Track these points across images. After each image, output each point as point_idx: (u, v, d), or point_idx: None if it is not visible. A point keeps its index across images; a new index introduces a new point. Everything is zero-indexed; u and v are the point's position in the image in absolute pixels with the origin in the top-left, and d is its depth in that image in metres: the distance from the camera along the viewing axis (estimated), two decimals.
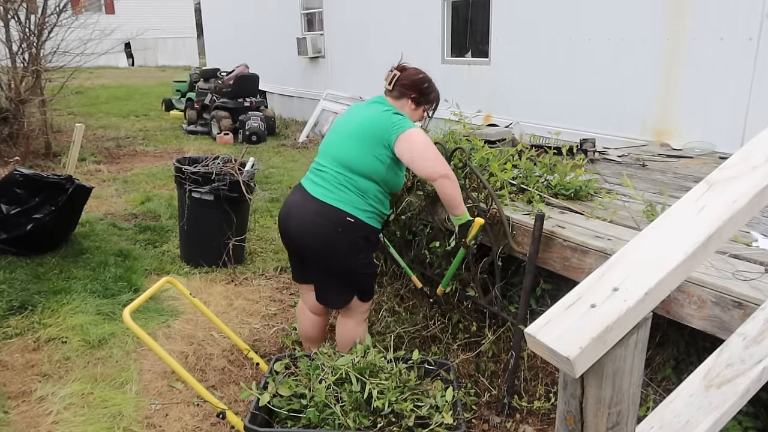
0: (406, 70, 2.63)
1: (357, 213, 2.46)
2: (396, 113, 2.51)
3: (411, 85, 2.60)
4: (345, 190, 2.46)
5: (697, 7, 4.76)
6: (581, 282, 1.06)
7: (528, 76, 6.51)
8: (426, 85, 2.64)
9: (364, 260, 2.58)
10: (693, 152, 4.56)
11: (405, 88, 2.60)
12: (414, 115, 2.65)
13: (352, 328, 2.69)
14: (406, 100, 2.61)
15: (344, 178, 2.46)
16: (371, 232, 2.55)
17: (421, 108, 2.65)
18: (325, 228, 2.44)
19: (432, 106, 2.70)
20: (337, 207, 2.44)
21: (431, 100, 2.67)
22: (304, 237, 2.51)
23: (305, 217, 2.48)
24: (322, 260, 2.54)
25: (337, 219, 2.43)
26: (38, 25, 7.22)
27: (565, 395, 1.07)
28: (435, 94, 2.68)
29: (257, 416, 2.10)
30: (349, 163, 2.47)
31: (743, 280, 1.91)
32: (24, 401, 2.70)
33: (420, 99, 2.63)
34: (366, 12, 9.24)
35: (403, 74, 2.61)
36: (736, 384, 1.29)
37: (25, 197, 4.19)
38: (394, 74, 2.61)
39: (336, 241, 2.46)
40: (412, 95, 2.60)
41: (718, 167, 1.22)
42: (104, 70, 18.61)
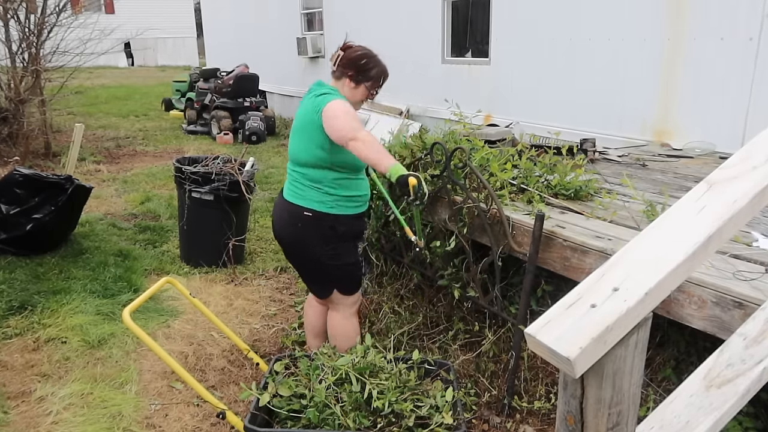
0: (349, 48, 2.58)
1: (313, 205, 2.50)
2: (322, 93, 2.47)
3: (348, 63, 2.53)
4: (299, 186, 2.53)
5: (698, 7, 4.76)
6: (581, 282, 1.06)
7: (528, 76, 6.51)
8: (364, 62, 2.54)
9: (332, 252, 2.57)
10: (693, 152, 4.56)
11: (344, 67, 2.54)
12: (355, 94, 2.57)
13: (339, 322, 2.73)
14: (345, 80, 2.55)
15: (297, 174, 2.55)
16: (337, 222, 2.54)
17: (361, 86, 2.56)
18: (289, 224, 2.58)
19: (374, 83, 2.58)
20: (295, 203, 2.54)
21: (372, 77, 2.56)
22: (278, 232, 2.68)
23: (277, 215, 2.67)
24: (292, 254, 2.71)
25: (296, 214, 2.53)
26: (38, 25, 7.22)
27: (565, 395, 1.07)
28: (377, 71, 2.57)
29: (257, 416, 2.10)
30: (297, 157, 2.54)
31: (744, 280, 1.91)
32: (24, 401, 2.70)
33: (358, 76, 2.54)
34: (366, 12, 9.23)
35: (346, 53, 2.56)
36: (736, 384, 1.28)
37: (24, 197, 4.19)
38: (338, 54, 2.57)
39: (299, 236, 2.57)
40: (349, 73, 2.53)
41: (719, 167, 1.22)
42: (104, 70, 18.61)
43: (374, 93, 2.64)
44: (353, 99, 2.57)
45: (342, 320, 2.73)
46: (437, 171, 2.99)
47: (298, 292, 3.97)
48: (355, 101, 2.59)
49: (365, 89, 2.58)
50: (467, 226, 2.84)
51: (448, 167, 2.85)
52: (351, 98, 2.56)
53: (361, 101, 2.63)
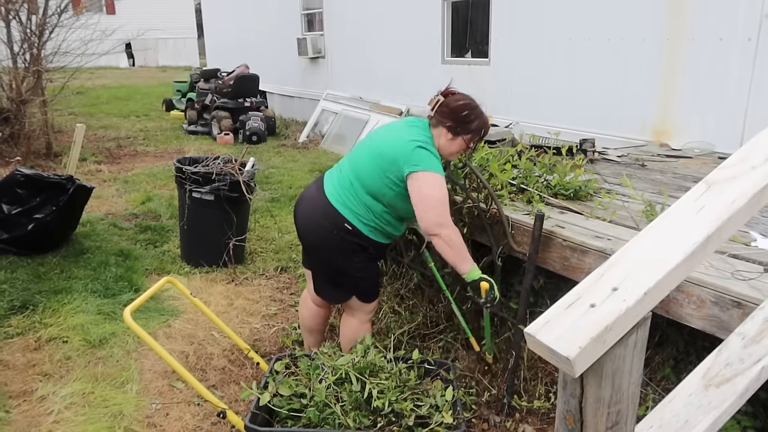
0: (452, 95, 2.43)
1: (357, 223, 2.42)
2: (422, 147, 2.31)
3: (449, 113, 2.38)
4: (352, 199, 2.43)
5: (697, 8, 4.76)
6: (581, 282, 1.06)
7: (528, 76, 6.52)
8: (465, 113, 2.37)
9: (359, 264, 2.51)
10: (692, 152, 4.57)
11: (442, 116, 2.39)
12: (451, 145, 2.41)
13: (356, 328, 2.67)
14: (442, 129, 2.40)
15: (354, 188, 2.43)
16: (371, 245, 2.47)
17: (459, 138, 2.39)
18: (324, 227, 2.46)
19: (473, 137, 2.42)
20: (339, 211, 2.43)
21: (472, 130, 2.39)
22: (305, 229, 2.56)
23: (311, 211, 2.52)
24: (317, 255, 2.61)
25: (336, 222, 2.43)
26: (39, 26, 7.23)
27: (565, 395, 1.08)
28: (479, 124, 2.40)
29: (258, 416, 2.11)
30: (361, 176, 2.42)
31: (742, 280, 1.92)
32: (25, 401, 2.70)
33: (457, 128, 2.38)
34: (366, 12, 9.24)
35: (446, 100, 2.41)
36: (735, 383, 1.29)
37: (26, 197, 4.20)
38: (437, 99, 2.42)
39: (331, 242, 2.47)
40: (447, 124, 2.38)
41: (718, 167, 1.23)
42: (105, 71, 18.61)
43: (473, 147, 2.48)
44: (448, 150, 2.43)
45: (359, 325, 2.67)
46: None
47: (299, 292, 3.97)
48: (450, 153, 2.45)
49: (463, 142, 2.41)
50: (467, 226, 2.85)
51: (448, 167, 2.86)
52: (446, 149, 2.42)
53: (457, 153, 2.48)
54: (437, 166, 2.32)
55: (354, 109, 9.07)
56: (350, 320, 2.70)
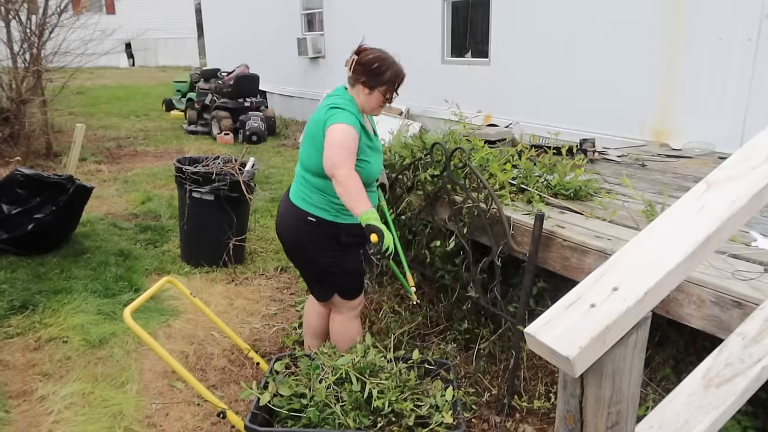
0: (363, 52, 2.45)
1: (318, 212, 2.47)
2: (334, 106, 2.36)
3: (361, 68, 2.41)
4: (306, 191, 2.49)
5: (697, 8, 4.76)
6: (581, 282, 1.06)
7: (528, 76, 6.52)
8: (376, 65, 2.40)
9: (333, 259, 2.54)
10: (692, 152, 4.57)
11: (356, 73, 2.42)
12: (370, 101, 2.45)
13: (341, 324, 2.72)
14: (359, 86, 2.44)
15: (304, 179, 2.50)
16: (340, 231, 2.48)
17: (375, 91, 2.42)
18: (292, 226, 2.55)
19: (389, 88, 2.44)
20: (300, 207, 2.50)
21: (386, 80, 2.42)
22: (280, 232, 2.65)
23: (282, 214, 2.63)
24: (292, 256, 2.70)
25: (300, 218, 2.49)
26: (39, 26, 7.23)
27: (565, 395, 1.08)
28: (391, 74, 2.42)
29: (258, 416, 2.11)
30: (304, 163, 2.50)
31: (742, 280, 1.91)
32: (25, 401, 2.70)
33: (371, 82, 2.40)
34: (366, 12, 9.24)
35: (359, 57, 2.44)
36: (735, 383, 1.29)
37: (26, 197, 4.20)
38: (352, 59, 2.45)
39: (300, 240, 2.55)
40: (362, 79, 2.41)
41: (718, 167, 1.23)
42: (105, 71, 18.62)
43: (389, 98, 2.49)
44: (369, 106, 2.47)
45: (344, 322, 2.71)
46: (437, 171, 2.99)
47: (299, 292, 3.97)
48: (372, 108, 2.48)
49: (380, 95, 2.44)
50: (467, 226, 2.85)
51: (448, 167, 2.86)
52: (367, 105, 2.46)
53: (379, 107, 2.50)
54: (348, 119, 2.34)
55: None
56: (337, 317, 2.74)
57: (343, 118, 2.34)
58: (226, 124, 9.42)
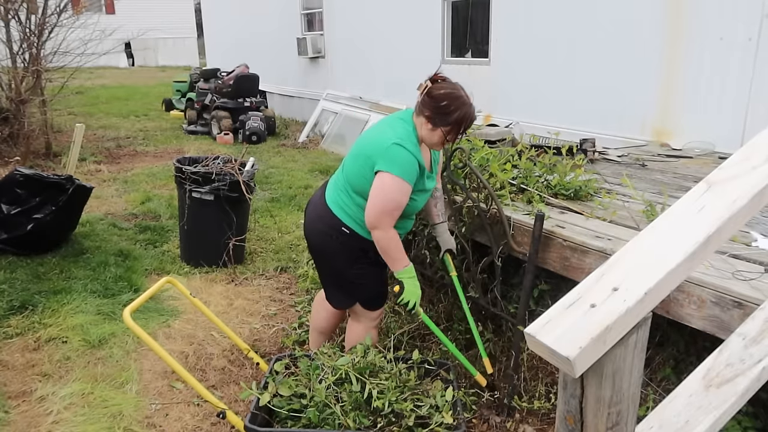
0: (439, 81, 2.28)
1: (353, 226, 2.41)
2: (398, 145, 2.21)
3: (429, 102, 2.24)
4: (347, 201, 2.42)
5: (697, 7, 4.76)
6: (581, 282, 1.06)
7: (528, 76, 6.51)
8: (445, 103, 2.21)
9: (359, 271, 2.50)
10: (693, 152, 4.56)
11: (423, 105, 2.27)
12: (432, 136, 2.29)
13: (360, 334, 2.64)
14: (422, 119, 2.28)
15: (346, 190, 2.42)
16: (371, 248, 2.39)
17: (438, 130, 2.26)
18: (323, 232, 2.48)
19: (453, 129, 2.26)
20: (335, 214, 2.43)
21: (450, 122, 2.23)
22: (308, 233, 2.58)
23: (312, 215, 2.55)
24: (319, 259, 2.63)
25: (333, 225, 2.43)
26: (39, 26, 7.22)
27: (565, 395, 1.08)
28: (458, 116, 2.22)
29: (257, 416, 2.11)
30: (349, 177, 2.41)
31: (743, 280, 1.91)
32: (24, 401, 2.70)
33: (435, 119, 2.24)
34: (366, 12, 9.24)
35: (431, 87, 2.27)
36: (735, 384, 1.29)
37: (25, 197, 4.19)
38: (425, 85, 2.28)
39: (330, 246, 2.48)
40: (426, 113, 2.25)
41: (718, 167, 1.23)
42: (104, 70, 18.61)
43: (452, 140, 2.31)
44: (430, 141, 2.31)
45: (363, 332, 2.64)
46: None
47: (298, 292, 3.97)
48: (432, 143, 2.33)
49: (442, 134, 2.27)
50: (467, 226, 2.84)
51: (448, 167, 2.86)
52: (428, 139, 2.30)
53: (441, 144, 2.33)
54: (407, 173, 2.22)
55: (354, 109, 9.06)
56: (356, 326, 2.69)
57: (403, 171, 2.20)
58: (226, 124, 9.42)
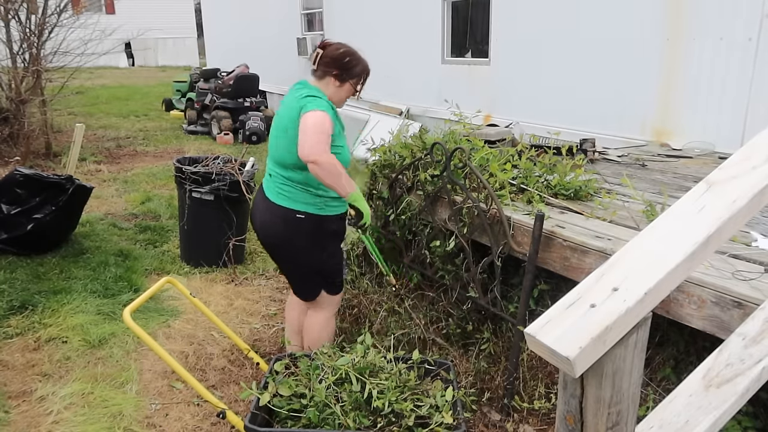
0: (328, 46, 2.54)
1: (305, 207, 2.47)
2: (307, 96, 2.41)
3: (332, 62, 2.49)
4: (287, 188, 2.48)
5: (697, 7, 4.76)
6: (581, 282, 1.06)
7: (528, 76, 6.51)
8: (347, 59, 2.51)
9: (322, 252, 2.57)
10: (693, 152, 4.56)
11: (326, 66, 2.50)
12: (339, 92, 2.54)
13: (322, 324, 2.70)
14: (329, 79, 2.51)
15: (282, 177, 2.49)
16: (328, 221, 2.53)
17: (346, 84, 2.53)
18: (278, 226, 2.52)
19: (358, 80, 2.56)
20: (284, 206, 2.47)
21: (356, 73, 2.54)
22: (264, 233, 2.61)
23: (262, 216, 2.59)
24: (282, 257, 2.66)
25: (287, 216, 2.48)
26: (39, 26, 7.22)
27: (565, 395, 1.08)
28: (361, 67, 2.55)
29: (257, 416, 2.11)
30: (281, 159, 2.48)
31: (743, 280, 1.91)
32: (24, 401, 2.70)
33: (343, 74, 2.51)
34: (366, 12, 9.24)
35: (325, 51, 2.51)
36: (735, 384, 1.29)
37: (25, 197, 4.19)
38: (317, 52, 2.52)
39: (290, 239, 2.52)
40: (333, 72, 2.50)
41: (718, 167, 1.23)
42: (104, 70, 18.61)
43: (359, 90, 2.60)
44: (338, 97, 2.55)
45: (326, 321, 2.72)
46: (437, 171, 2.99)
47: None
48: (340, 99, 2.57)
49: (350, 86, 2.55)
50: (467, 226, 2.84)
51: (448, 167, 2.86)
52: (335, 96, 2.53)
53: (346, 98, 2.60)
54: (322, 105, 2.38)
55: (353, 109, 9.05)
56: (317, 315, 2.72)
57: (318, 105, 2.37)
58: (226, 124, 9.42)
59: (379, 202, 3.49)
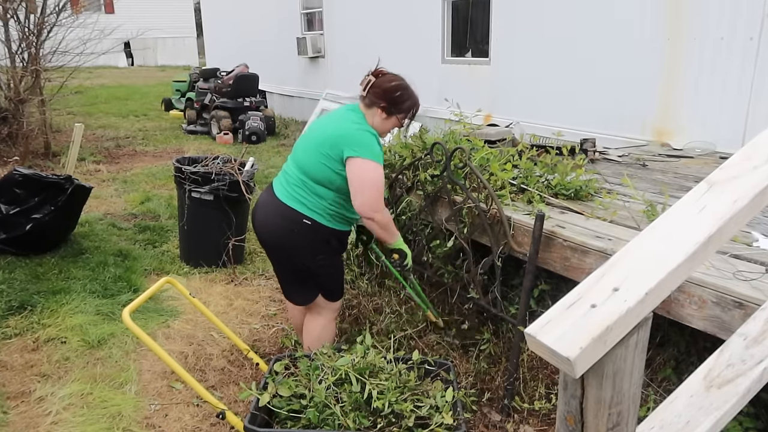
0: (382, 75, 2.52)
1: (314, 216, 2.46)
2: (364, 131, 2.41)
3: (382, 94, 2.47)
4: (303, 194, 2.47)
5: (698, 7, 4.76)
6: (581, 282, 1.05)
7: (528, 75, 6.51)
8: (398, 94, 2.49)
9: (323, 262, 2.58)
10: (693, 152, 4.56)
11: (376, 96, 2.47)
12: (385, 125, 2.53)
13: (321, 327, 2.70)
14: (376, 110, 2.49)
15: (303, 183, 2.48)
16: (332, 235, 2.54)
17: (393, 117, 2.52)
18: (283, 228, 2.50)
19: (407, 115, 2.56)
20: (295, 208, 2.47)
21: (405, 109, 2.53)
22: (266, 234, 2.59)
23: (267, 215, 2.57)
24: (281, 258, 2.65)
25: (295, 219, 2.47)
26: (38, 25, 7.22)
27: (566, 395, 1.07)
28: (410, 103, 2.53)
29: (257, 416, 2.10)
30: (307, 169, 2.47)
31: (744, 281, 1.91)
32: (23, 401, 2.70)
33: (391, 109, 2.49)
34: (366, 12, 9.23)
35: (377, 80, 2.49)
36: (736, 384, 1.28)
37: (24, 197, 4.19)
38: (368, 80, 2.50)
39: (292, 241, 2.51)
40: (381, 104, 2.47)
41: (719, 167, 1.22)
42: (104, 70, 18.61)
43: (405, 124, 2.59)
44: (383, 129, 2.53)
45: (325, 324, 2.71)
46: (437, 171, 2.99)
47: None
48: (385, 130, 2.55)
49: (396, 120, 2.54)
50: (467, 226, 2.84)
51: (448, 167, 2.85)
52: (380, 127, 2.51)
53: (390, 130, 2.59)
54: (377, 155, 2.41)
55: None
56: (316, 319, 2.72)
57: (374, 154, 2.39)
58: (226, 124, 9.41)
59: None
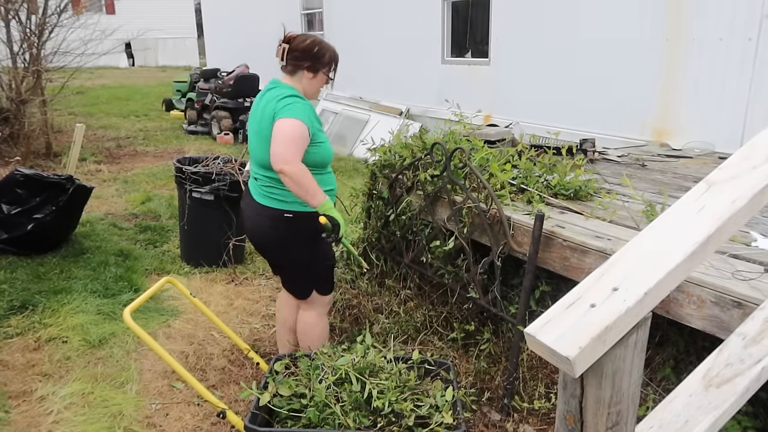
0: (293, 39, 2.51)
1: (292, 207, 2.45)
2: (283, 97, 2.39)
3: (302, 55, 2.47)
4: (272, 189, 2.46)
5: (697, 8, 4.76)
6: (581, 282, 1.06)
7: (528, 76, 6.51)
8: (317, 50, 2.49)
9: (313, 251, 2.57)
10: (692, 152, 4.57)
11: (297, 60, 2.48)
12: (313, 84, 2.52)
13: (315, 321, 2.71)
14: (302, 72, 2.49)
15: (266, 178, 2.46)
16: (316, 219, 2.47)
17: (319, 74, 2.51)
18: (266, 227, 2.51)
19: (331, 67, 2.56)
20: (272, 206, 2.47)
21: (326, 62, 2.53)
22: (254, 235, 2.61)
23: (251, 219, 2.58)
24: (274, 258, 2.68)
25: (276, 216, 2.47)
26: (39, 26, 7.22)
27: (565, 395, 1.08)
28: (330, 55, 2.54)
29: (257, 416, 2.11)
30: (262, 161, 2.45)
31: (742, 280, 1.91)
32: (24, 401, 2.70)
33: (315, 65, 2.49)
34: (366, 12, 9.24)
35: (292, 44, 2.49)
36: (735, 383, 1.29)
37: (25, 197, 4.19)
38: (283, 47, 2.49)
39: (281, 238, 2.51)
40: (305, 65, 2.48)
41: (718, 167, 1.23)
42: (105, 71, 18.62)
43: (331, 78, 2.59)
44: (312, 89, 2.53)
45: (317, 318, 2.72)
46: (437, 171, 2.99)
47: None
48: (315, 91, 2.55)
49: (323, 76, 2.54)
50: (467, 226, 2.84)
51: (448, 167, 2.86)
52: (310, 89, 2.52)
53: (320, 88, 2.58)
54: (300, 112, 2.34)
55: (354, 109, 9.06)
56: (309, 314, 2.73)
57: (294, 112, 2.34)
58: (226, 124, 9.42)
59: (379, 202, 3.49)
